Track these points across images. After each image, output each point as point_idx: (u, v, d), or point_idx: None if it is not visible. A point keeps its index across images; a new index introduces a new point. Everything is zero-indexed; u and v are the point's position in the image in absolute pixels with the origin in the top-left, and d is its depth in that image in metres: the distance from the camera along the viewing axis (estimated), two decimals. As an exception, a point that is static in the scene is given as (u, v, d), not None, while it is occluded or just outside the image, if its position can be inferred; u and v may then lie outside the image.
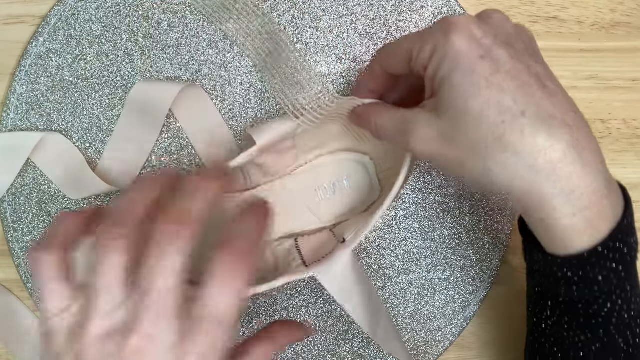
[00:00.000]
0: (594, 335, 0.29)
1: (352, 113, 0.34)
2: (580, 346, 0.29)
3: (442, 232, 0.41)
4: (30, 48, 0.37)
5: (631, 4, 0.42)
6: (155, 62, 0.38)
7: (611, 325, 0.28)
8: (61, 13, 0.37)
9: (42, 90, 0.38)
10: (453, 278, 0.41)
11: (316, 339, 0.40)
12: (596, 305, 0.28)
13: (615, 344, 0.29)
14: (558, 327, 0.30)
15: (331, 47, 0.39)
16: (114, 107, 0.38)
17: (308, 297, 0.40)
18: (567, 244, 0.27)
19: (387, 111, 0.31)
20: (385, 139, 0.32)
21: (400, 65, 0.31)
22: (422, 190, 0.40)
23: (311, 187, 0.39)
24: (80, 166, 0.38)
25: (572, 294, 0.28)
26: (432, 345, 0.41)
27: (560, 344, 0.30)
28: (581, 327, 0.29)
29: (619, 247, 0.27)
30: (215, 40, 0.38)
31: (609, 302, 0.28)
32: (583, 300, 0.28)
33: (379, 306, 0.35)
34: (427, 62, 0.28)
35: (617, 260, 0.27)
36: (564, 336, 0.30)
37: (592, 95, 0.41)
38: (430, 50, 0.28)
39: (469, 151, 0.27)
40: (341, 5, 0.39)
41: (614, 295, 0.28)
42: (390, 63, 0.32)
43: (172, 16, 0.38)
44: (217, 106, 0.39)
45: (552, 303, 0.30)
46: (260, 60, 0.38)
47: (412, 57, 0.29)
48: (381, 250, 0.41)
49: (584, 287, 0.27)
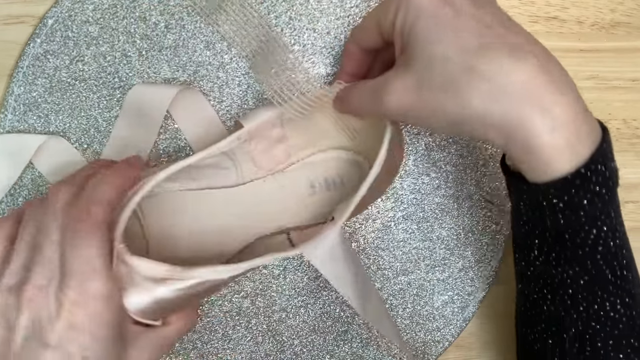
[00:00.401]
0: (582, 268, 0.29)
1: (334, 101, 0.34)
2: (569, 282, 0.29)
3: (441, 233, 0.41)
4: (28, 49, 0.37)
5: (631, 4, 0.42)
6: (153, 64, 0.38)
7: (598, 254, 0.28)
8: (58, 14, 0.37)
9: (40, 91, 0.38)
10: (452, 279, 0.41)
11: (315, 340, 0.41)
12: (582, 233, 0.28)
13: (602, 275, 0.29)
14: (546, 265, 0.30)
15: (329, 49, 0.39)
16: (112, 108, 0.38)
17: (307, 297, 0.40)
18: (550, 166, 0.27)
19: (362, 84, 0.32)
20: (366, 111, 0.32)
21: (372, 36, 0.33)
22: (421, 191, 0.41)
23: (305, 184, 0.39)
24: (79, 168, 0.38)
25: (559, 223, 0.28)
26: (431, 345, 0.41)
27: (550, 284, 0.30)
28: (569, 260, 0.29)
29: (600, 169, 0.27)
30: (212, 42, 0.38)
31: (594, 228, 0.28)
32: (569, 229, 0.28)
33: (369, 285, 0.35)
34: (393, 20, 0.30)
35: (600, 183, 0.27)
36: (552, 274, 0.30)
37: (592, 95, 0.41)
38: (395, 8, 0.30)
39: (443, 91, 0.27)
40: (338, 7, 0.39)
41: (599, 221, 0.28)
42: (363, 37, 0.34)
43: (170, 17, 0.38)
44: (215, 107, 0.39)
45: (540, 240, 0.30)
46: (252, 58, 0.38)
47: (381, 22, 0.31)
48: (379, 251, 0.41)
49: (570, 213, 0.28)
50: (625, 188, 0.31)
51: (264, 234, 0.38)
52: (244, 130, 0.34)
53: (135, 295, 0.29)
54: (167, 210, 0.37)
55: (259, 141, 0.36)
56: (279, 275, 0.40)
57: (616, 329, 0.29)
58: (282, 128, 0.36)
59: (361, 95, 0.32)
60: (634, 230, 0.39)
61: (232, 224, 0.38)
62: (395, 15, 0.30)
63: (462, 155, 0.41)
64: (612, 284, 0.29)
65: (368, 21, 0.33)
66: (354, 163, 0.39)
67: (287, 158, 0.38)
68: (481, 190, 0.41)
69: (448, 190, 0.41)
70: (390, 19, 0.30)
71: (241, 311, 0.40)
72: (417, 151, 0.40)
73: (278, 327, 0.40)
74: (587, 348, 0.30)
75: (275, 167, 0.38)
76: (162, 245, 0.37)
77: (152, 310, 0.30)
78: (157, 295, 0.30)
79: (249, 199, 0.38)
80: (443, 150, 0.40)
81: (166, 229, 0.37)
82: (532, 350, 0.33)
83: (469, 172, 0.41)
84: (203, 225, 0.37)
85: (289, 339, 0.40)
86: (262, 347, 0.40)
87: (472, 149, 0.41)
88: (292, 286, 0.40)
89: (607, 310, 0.29)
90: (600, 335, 0.29)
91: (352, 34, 0.36)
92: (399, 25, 0.30)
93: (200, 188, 0.37)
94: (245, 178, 0.38)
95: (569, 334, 0.30)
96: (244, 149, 0.36)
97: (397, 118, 0.31)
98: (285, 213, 0.38)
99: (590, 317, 0.29)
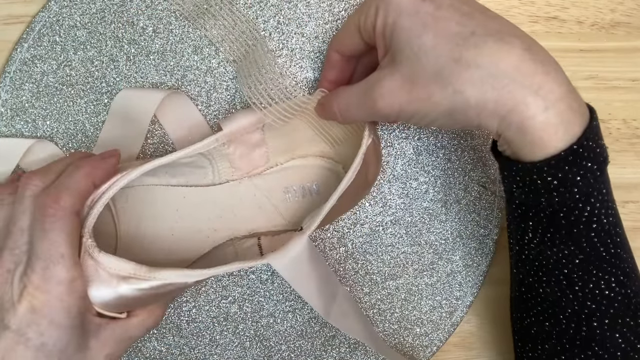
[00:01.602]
0: (577, 247, 0.29)
1: (316, 107, 0.35)
2: (564, 262, 0.30)
3: (429, 238, 0.41)
4: (15, 54, 0.37)
5: (631, 4, 0.42)
6: (141, 68, 0.38)
7: (592, 232, 0.29)
8: (45, 19, 0.37)
9: (27, 96, 0.38)
10: (440, 283, 0.41)
11: (303, 345, 0.40)
12: (577, 210, 0.28)
13: (597, 253, 0.29)
14: (541, 246, 0.30)
15: (317, 53, 0.39)
16: (99, 113, 0.38)
17: (295, 302, 0.40)
18: (545, 144, 0.27)
19: (346, 89, 0.32)
20: (353, 115, 0.32)
21: (353, 40, 0.33)
22: (409, 196, 0.40)
23: (280, 188, 0.39)
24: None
25: (553, 201, 0.28)
26: (419, 350, 0.41)
27: (545, 265, 0.31)
28: (563, 239, 0.29)
29: (592, 146, 0.28)
30: (200, 46, 0.38)
31: (588, 205, 0.28)
32: (564, 207, 0.28)
33: (335, 288, 0.35)
34: (374, 21, 0.30)
35: (592, 159, 0.28)
36: (547, 255, 0.30)
37: (592, 95, 0.41)
38: (374, 10, 0.30)
39: (434, 83, 0.28)
40: (327, 11, 0.39)
41: (592, 198, 0.28)
42: (343, 43, 0.34)
43: (157, 22, 0.38)
44: (202, 112, 0.39)
45: (534, 222, 0.30)
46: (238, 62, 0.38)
47: (361, 25, 0.31)
48: (368, 255, 0.41)
49: (564, 191, 0.28)
50: (625, 188, 0.31)
51: (234, 237, 0.38)
52: (222, 133, 0.35)
53: (99, 289, 0.30)
54: (140, 207, 0.37)
55: (238, 145, 0.36)
56: (267, 280, 0.40)
57: (612, 307, 0.29)
58: (262, 133, 0.37)
59: (348, 100, 0.32)
60: (634, 230, 0.40)
61: (204, 224, 0.38)
62: (375, 17, 0.30)
63: (450, 160, 0.41)
64: (606, 262, 0.29)
65: (347, 26, 0.34)
66: (331, 171, 0.39)
67: (266, 162, 0.38)
68: (469, 194, 0.41)
69: (436, 195, 0.41)
70: (370, 21, 0.31)
71: (228, 316, 0.40)
72: (405, 155, 0.40)
73: (266, 333, 0.40)
74: (583, 328, 0.30)
75: (253, 170, 0.38)
76: (132, 243, 0.37)
77: (116, 305, 0.31)
78: (121, 292, 0.30)
79: (224, 200, 0.38)
80: (431, 155, 0.40)
81: (138, 226, 0.37)
82: (528, 335, 0.33)
83: (457, 177, 0.41)
84: (174, 224, 0.38)
85: (277, 344, 0.40)
86: (249, 353, 0.40)
87: (460, 154, 0.41)
88: (280, 291, 0.40)
89: (603, 289, 0.29)
90: (596, 314, 0.30)
91: (332, 41, 0.36)
92: (380, 25, 0.30)
93: (177, 185, 0.37)
94: (221, 178, 0.38)
95: (565, 315, 0.30)
96: (222, 152, 0.36)
97: (390, 118, 0.31)
98: (258, 217, 0.39)
99: (586, 297, 0.30)
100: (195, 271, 0.30)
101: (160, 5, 0.38)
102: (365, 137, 0.33)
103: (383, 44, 0.31)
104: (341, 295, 0.35)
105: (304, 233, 0.32)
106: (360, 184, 0.34)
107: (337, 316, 0.34)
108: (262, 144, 0.37)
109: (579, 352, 0.30)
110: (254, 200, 0.39)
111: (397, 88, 0.29)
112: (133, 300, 0.30)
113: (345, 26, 0.34)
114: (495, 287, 0.42)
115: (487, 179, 0.41)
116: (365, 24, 0.31)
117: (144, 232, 0.37)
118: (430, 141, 0.40)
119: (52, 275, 0.27)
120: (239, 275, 0.40)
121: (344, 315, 0.35)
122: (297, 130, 0.37)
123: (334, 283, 0.35)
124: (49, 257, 0.28)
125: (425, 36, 0.28)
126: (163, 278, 0.30)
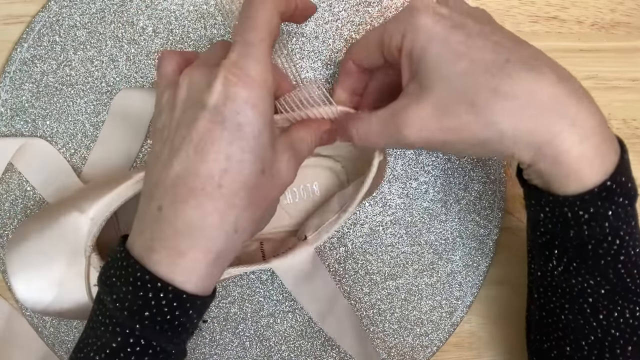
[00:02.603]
0: (603, 278, 0.29)
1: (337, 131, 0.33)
2: (589, 292, 0.29)
3: (429, 238, 0.41)
4: (15, 54, 0.37)
5: (631, 4, 0.42)
6: (140, 68, 0.38)
7: (619, 263, 0.28)
8: (45, 19, 0.37)
9: (27, 96, 0.38)
10: (440, 283, 0.41)
11: (303, 345, 0.40)
12: (605, 244, 0.28)
13: (623, 284, 0.29)
14: (566, 275, 0.30)
15: (317, 53, 0.39)
16: (99, 113, 0.38)
17: (295, 303, 0.40)
18: (579, 178, 0.27)
19: (367, 115, 0.31)
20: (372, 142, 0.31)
21: (373, 55, 0.32)
22: (409, 196, 0.40)
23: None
24: (65, 173, 0.38)
25: (583, 234, 0.28)
26: (419, 350, 0.41)
27: (569, 293, 0.30)
28: (590, 270, 0.29)
29: (624, 181, 0.27)
30: (200, 46, 0.38)
31: (617, 238, 0.28)
32: (593, 240, 0.28)
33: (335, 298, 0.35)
34: (400, 44, 0.29)
35: (623, 194, 0.27)
36: (572, 284, 0.30)
37: (591, 95, 0.42)
38: (402, 32, 0.29)
39: (467, 112, 0.27)
40: (327, 11, 0.39)
41: (622, 231, 0.28)
42: (362, 56, 0.33)
43: (157, 22, 0.38)
44: (203, 112, 0.39)
45: (560, 251, 0.30)
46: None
47: (385, 44, 0.30)
48: (368, 255, 0.41)
49: (595, 225, 0.28)
50: None
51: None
52: None
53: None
54: None
55: None
56: (267, 281, 0.40)
57: (635, 335, 0.29)
58: None
59: (369, 127, 0.31)
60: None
61: None
62: (401, 40, 0.29)
63: (450, 160, 0.41)
64: (632, 292, 0.29)
65: (369, 41, 0.32)
66: (332, 171, 0.39)
67: None
68: (469, 194, 0.41)
69: (436, 195, 0.41)
70: (395, 44, 0.30)
71: (229, 316, 0.40)
72: (405, 155, 0.40)
73: (265, 333, 0.40)
74: (606, 355, 0.30)
75: None
76: None
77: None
78: None
79: None
80: (431, 155, 0.40)
81: None
82: (547, 358, 0.33)
83: (457, 177, 0.41)
84: None
85: (277, 345, 0.40)
86: (249, 353, 0.40)
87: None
88: (280, 291, 0.40)
89: (627, 317, 0.29)
90: (619, 342, 0.29)
91: (350, 51, 0.35)
92: (407, 49, 0.29)
93: None
94: None
95: (587, 341, 0.30)
96: None
97: (414, 146, 0.30)
98: None
99: (610, 325, 0.29)
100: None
101: (160, 5, 0.38)
102: (376, 158, 0.33)
103: (409, 69, 0.29)
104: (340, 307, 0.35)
105: (311, 244, 0.32)
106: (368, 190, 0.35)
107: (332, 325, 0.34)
108: None
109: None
110: None
111: (427, 116, 0.28)
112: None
113: (366, 40, 0.33)
114: (495, 287, 0.42)
115: (487, 179, 0.41)
116: (390, 45, 0.30)
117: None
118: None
119: (247, 64, 0.27)
120: (238, 276, 0.40)
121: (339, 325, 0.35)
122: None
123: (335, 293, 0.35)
124: (247, 44, 0.27)
125: (458, 64, 0.27)
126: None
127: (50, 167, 0.37)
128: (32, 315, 0.39)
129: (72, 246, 0.32)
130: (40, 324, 0.39)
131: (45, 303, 0.33)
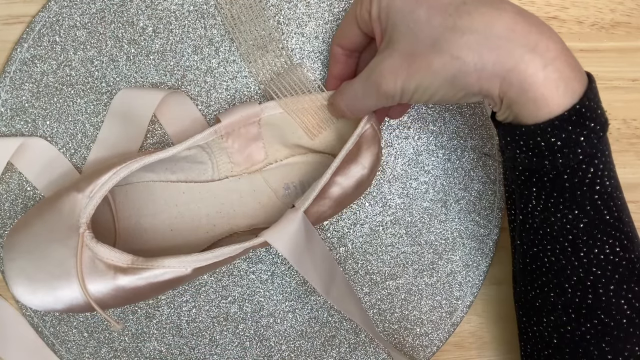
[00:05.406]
0: (581, 210, 0.29)
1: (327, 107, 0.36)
2: (569, 227, 0.30)
3: (429, 238, 0.41)
4: (15, 54, 0.37)
5: (631, 4, 0.42)
6: (140, 68, 0.38)
7: (595, 194, 0.29)
8: (45, 19, 0.37)
9: (27, 96, 0.38)
10: (440, 283, 0.41)
11: (303, 345, 0.40)
12: (580, 172, 0.29)
13: (601, 217, 0.29)
14: (546, 213, 0.30)
15: (317, 53, 0.39)
16: (99, 113, 0.38)
17: (295, 302, 0.40)
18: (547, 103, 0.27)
19: (349, 83, 0.33)
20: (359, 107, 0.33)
21: (352, 32, 0.34)
22: (409, 196, 0.40)
23: (280, 184, 0.39)
24: (66, 172, 0.38)
25: (557, 163, 0.29)
26: (419, 350, 0.41)
27: (550, 233, 0.31)
28: (567, 203, 0.30)
29: (594, 106, 0.28)
30: (200, 46, 0.38)
31: (591, 167, 0.29)
32: (567, 169, 0.29)
33: (333, 267, 0.35)
34: (369, 8, 0.31)
35: (594, 120, 0.28)
36: (552, 221, 0.30)
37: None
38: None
39: (432, 53, 0.28)
40: (326, 11, 0.39)
41: (596, 159, 0.29)
42: (344, 36, 0.35)
43: (157, 22, 0.38)
44: (202, 112, 0.39)
45: (538, 187, 0.30)
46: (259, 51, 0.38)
47: (357, 15, 0.33)
48: (368, 255, 0.41)
49: (567, 152, 0.28)
50: (625, 188, 0.31)
51: (234, 232, 0.38)
52: (221, 125, 0.35)
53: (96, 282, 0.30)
54: (139, 203, 0.37)
55: (236, 139, 0.37)
56: (267, 280, 0.40)
57: (617, 273, 0.30)
58: (259, 127, 0.37)
59: (353, 92, 0.33)
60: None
61: (203, 220, 0.38)
62: (370, 4, 0.31)
63: (450, 160, 0.41)
64: (610, 225, 0.30)
65: (346, 19, 0.35)
66: (326, 168, 0.39)
67: (264, 158, 0.38)
68: (469, 194, 0.41)
69: (436, 195, 0.41)
70: (366, 9, 0.32)
71: (229, 316, 0.40)
72: (405, 155, 0.40)
73: (266, 333, 0.40)
74: (589, 296, 0.30)
75: (252, 166, 0.38)
76: (131, 239, 0.37)
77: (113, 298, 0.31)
78: (119, 284, 0.30)
79: (223, 196, 0.38)
80: (431, 155, 0.40)
81: (137, 222, 0.37)
82: (532, 308, 0.33)
83: (457, 177, 0.41)
84: (173, 220, 0.38)
85: (277, 344, 0.40)
86: (249, 353, 0.40)
87: (460, 154, 0.41)
88: (280, 291, 0.40)
89: (607, 253, 0.30)
90: (601, 281, 0.30)
91: (334, 36, 0.37)
92: (375, 11, 0.31)
93: (177, 181, 0.38)
94: (221, 174, 0.38)
95: (570, 283, 0.31)
96: (220, 145, 0.37)
97: (395, 99, 0.31)
98: (257, 212, 0.39)
99: (591, 263, 0.30)
100: (192, 256, 0.31)
101: (160, 5, 0.38)
102: (363, 122, 0.34)
103: (380, 29, 0.31)
104: (339, 277, 0.35)
105: (298, 210, 0.32)
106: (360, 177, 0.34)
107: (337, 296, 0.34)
108: (259, 138, 0.37)
109: (584, 322, 0.30)
110: (253, 196, 0.39)
111: (397, 66, 0.29)
112: (131, 292, 0.31)
113: (345, 19, 0.35)
114: (495, 287, 0.42)
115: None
116: (362, 13, 0.32)
117: (143, 228, 0.37)
118: (430, 141, 0.40)
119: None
120: (239, 275, 0.40)
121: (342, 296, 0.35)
122: (292, 124, 0.37)
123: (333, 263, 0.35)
124: None
125: (418, 10, 0.29)
126: (161, 265, 0.30)
127: (51, 167, 0.37)
128: (32, 315, 0.39)
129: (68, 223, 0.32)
130: (40, 324, 0.39)
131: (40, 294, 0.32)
